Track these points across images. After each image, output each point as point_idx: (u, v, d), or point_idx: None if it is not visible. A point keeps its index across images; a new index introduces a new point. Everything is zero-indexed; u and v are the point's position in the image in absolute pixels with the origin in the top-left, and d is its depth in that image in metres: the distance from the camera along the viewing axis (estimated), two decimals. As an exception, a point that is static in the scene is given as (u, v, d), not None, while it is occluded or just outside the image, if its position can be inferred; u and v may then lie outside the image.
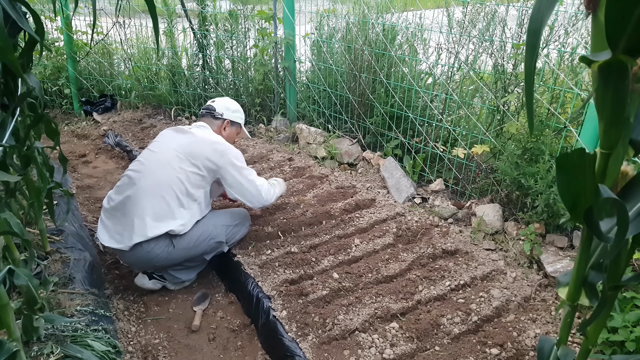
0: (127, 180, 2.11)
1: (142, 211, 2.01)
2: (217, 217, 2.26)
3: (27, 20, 1.43)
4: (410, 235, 2.51)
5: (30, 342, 1.47)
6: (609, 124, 0.69)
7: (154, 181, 2.06)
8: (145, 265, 2.13)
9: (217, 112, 2.37)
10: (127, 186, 2.09)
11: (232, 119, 2.40)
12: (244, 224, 2.36)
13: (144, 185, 2.05)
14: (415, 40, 3.12)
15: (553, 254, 2.19)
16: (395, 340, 1.79)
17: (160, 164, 2.10)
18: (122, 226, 2.04)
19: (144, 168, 2.11)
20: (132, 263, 2.13)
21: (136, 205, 2.03)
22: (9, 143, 1.41)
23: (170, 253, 2.07)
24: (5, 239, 1.39)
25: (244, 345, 1.96)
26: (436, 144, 2.96)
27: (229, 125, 2.39)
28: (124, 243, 2.01)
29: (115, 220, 2.07)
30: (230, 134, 2.41)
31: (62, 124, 4.47)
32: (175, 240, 2.07)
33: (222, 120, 2.37)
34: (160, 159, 2.12)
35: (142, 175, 2.09)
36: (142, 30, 4.59)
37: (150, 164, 2.12)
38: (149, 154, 2.19)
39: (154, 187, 2.05)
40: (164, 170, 2.08)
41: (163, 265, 2.13)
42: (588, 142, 2.05)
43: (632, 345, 1.55)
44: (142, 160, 2.16)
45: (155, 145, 2.22)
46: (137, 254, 2.03)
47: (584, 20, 2.36)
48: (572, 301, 0.87)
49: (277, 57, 3.84)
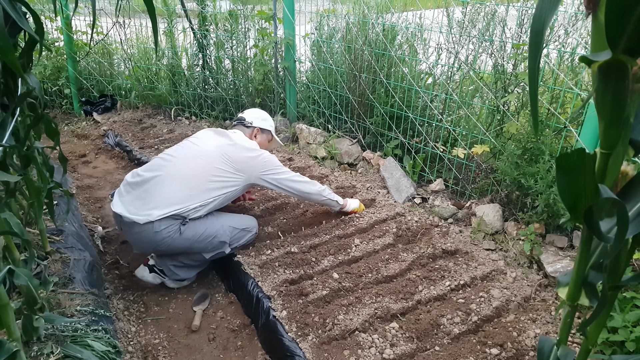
0: (160, 162, 2.19)
1: (167, 192, 2.08)
2: (227, 218, 2.30)
3: (27, 20, 1.43)
4: (410, 235, 2.51)
5: (30, 342, 1.47)
6: (609, 124, 0.69)
7: (186, 169, 2.14)
8: (148, 246, 2.13)
9: (247, 121, 2.50)
10: (158, 166, 2.17)
11: (262, 126, 2.52)
12: (251, 230, 2.37)
13: (175, 170, 2.13)
14: (415, 40, 3.12)
15: (553, 254, 2.19)
16: (395, 340, 1.79)
17: (197, 156, 2.19)
18: (142, 200, 2.08)
19: (179, 155, 2.20)
20: (136, 241, 2.13)
21: (162, 185, 2.09)
22: (9, 143, 1.41)
23: (175, 240, 2.08)
24: (5, 239, 1.40)
25: (244, 345, 1.96)
26: (436, 144, 2.96)
27: (259, 133, 2.51)
28: (138, 216, 2.04)
29: (136, 195, 2.11)
30: (262, 141, 2.51)
31: (62, 124, 4.47)
32: (183, 228, 2.10)
33: (252, 128, 2.49)
34: (198, 151, 2.21)
35: (177, 160, 2.17)
36: (142, 30, 4.59)
37: (187, 153, 2.21)
38: (188, 144, 2.28)
39: (184, 174, 2.12)
40: (198, 163, 2.16)
41: (164, 251, 2.14)
42: (588, 142, 2.05)
43: (632, 345, 1.55)
44: (180, 149, 2.26)
45: (195, 139, 2.32)
46: (146, 232, 2.05)
47: (584, 20, 2.36)
48: (572, 301, 0.87)
49: (277, 57, 3.84)
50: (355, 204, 2.70)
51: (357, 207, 2.71)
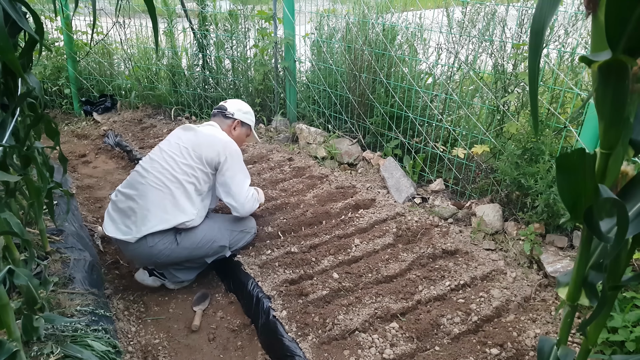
0: (136, 175, 2.16)
1: (151, 204, 2.05)
2: (224, 221, 2.28)
3: (27, 20, 1.43)
4: (410, 235, 2.51)
5: (30, 342, 1.47)
6: (609, 124, 0.69)
7: (162, 176, 2.11)
8: (146, 261, 2.13)
9: (229, 112, 2.40)
10: (136, 181, 2.14)
11: (243, 119, 2.42)
12: (250, 232, 2.36)
13: (153, 180, 2.10)
14: (415, 40, 3.12)
15: (553, 254, 2.19)
16: (395, 340, 1.79)
17: (168, 160, 2.15)
18: (130, 219, 2.07)
19: (153, 163, 2.16)
20: (134, 257, 2.14)
21: (145, 198, 2.06)
22: (9, 143, 1.41)
23: (173, 250, 2.07)
24: (5, 239, 1.39)
25: (244, 345, 1.96)
26: (436, 144, 2.96)
27: (239, 126, 2.42)
28: (131, 235, 2.03)
29: (123, 214, 2.10)
30: (240, 135, 2.43)
31: (62, 124, 4.46)
32: (179, 238, 2.09)
33: (232, 120, 2.40)
34: (168, 154, 2.17)
35: (151, 170, 2.13)
36: (142, 30, 4.59)
37: (159, 159, 2.17)
38: (158, 150, 2.24)
39: (162, 181, 2.09)
40: (171, 165, 2.13)
41: (164, 263, 2.14)
42: (588, 142, 2.05)
43: (632, 345, 1.55)
44: (152, 157, 2.22)
45: (165, 143, 2.27)
46: (141, 248, 2.04)
47: (584, 20, 2.36)
48: (572, 301, 0.87)
49: (277, 57, 3.84)
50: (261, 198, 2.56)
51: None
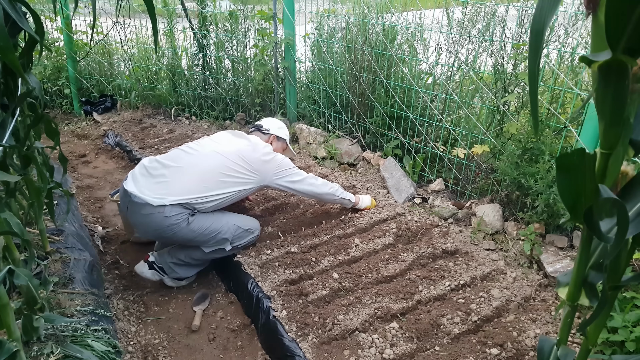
0: (181, 153, 2.27)
1: (185, 180, 2.13)
2: (232, 216, 2.32)
3: (27, 20, 1.43)
4: (410, 235, 2.51)
5: (30, 342, 1.47)
6: (609, 124, 0.69)
7: (205, 163, 2.20)
8: (152, 231, 2.13)
9: (264, 128, 2.59)
10: (178, 157, 2.24)
11: (278, 134, 2.60)
12: (253, 232, 2.38)
13: (195, 162, 2.20)
14: (415, 40, 3.12)
15: (553, 254, 2.19)
16: (395, 340, 1.79)
17: (216, 152, 2.25)
18: (159, 185, 2.12)
19: (199, 149, 2.27)
20: (142, 223, 2.13)
21: (182, 174, 2.15)
22: (9, 143, 1.41)
23: (181, 229, 2.10)
24: (5, 239, 1.39)
25: (244, 345, 1.96)
26: (436, 144, 2.96)
27: (275, 140, 2.59)
28: (153, 198, 2.06)
29: (153, 180, 2.15)
30: (277, 149, 2.57)
31: (62, 124, 4.47)
32: (191, 219, 2.13)
33: (269, 135, 2.57)
34: (217, 148, 2.27)
35: (197, 154, 2.24)
36: (142, 30, 4.59)
37: (207, 149, 2.27)
38: (208, 141, 2.35)
39: (202, 167, 2.19)
40: (217, 158, 2.22)
41: (167, 239, 2.17)
42: (588, 142, 2.05)
43: (632, 345, 1.55)
44: (201, 144, 2.33)
45: (215, 138, 2.40)
46: (155, 215, 2.06)
47: (584, 20, 2.36)
48: (572, 301, 0.87)
49: (277, 57, 3.84)
50: (368, 201, 2.75)
51: (370, 204, 2.75)
